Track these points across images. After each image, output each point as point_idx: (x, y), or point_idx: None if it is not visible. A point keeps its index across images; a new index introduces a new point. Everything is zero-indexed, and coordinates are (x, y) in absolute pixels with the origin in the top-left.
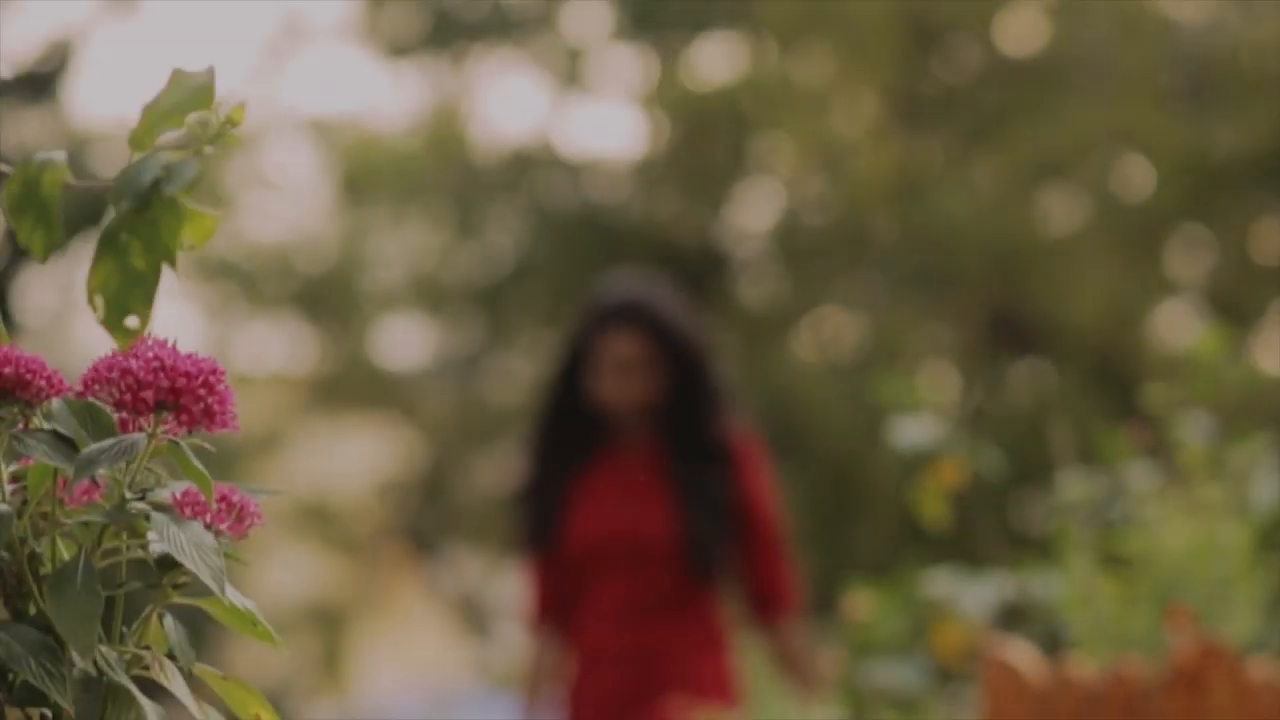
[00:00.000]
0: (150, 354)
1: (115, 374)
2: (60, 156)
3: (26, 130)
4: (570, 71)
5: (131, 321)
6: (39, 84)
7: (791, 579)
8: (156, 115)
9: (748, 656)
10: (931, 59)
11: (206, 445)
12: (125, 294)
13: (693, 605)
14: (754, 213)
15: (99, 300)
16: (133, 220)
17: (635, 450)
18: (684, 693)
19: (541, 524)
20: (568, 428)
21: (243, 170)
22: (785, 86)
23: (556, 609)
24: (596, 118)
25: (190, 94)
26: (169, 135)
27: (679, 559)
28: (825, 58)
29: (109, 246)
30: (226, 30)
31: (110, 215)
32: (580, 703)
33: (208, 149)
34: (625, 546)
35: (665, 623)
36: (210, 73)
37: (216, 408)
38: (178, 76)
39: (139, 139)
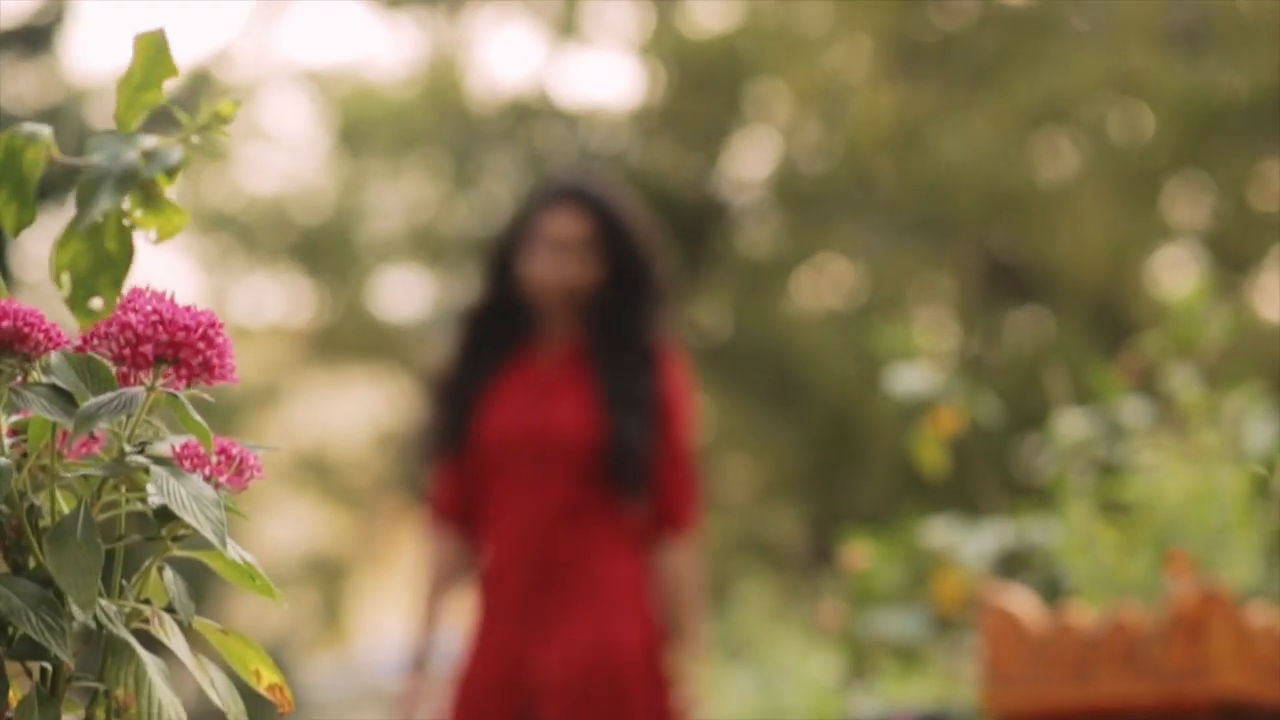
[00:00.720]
0: (149, 307)
1: (114, 328)
2: (45, 130)
3: (23, 84)
4: (567, 20)
5: (96, 303)
6: (35, 37)
7: (695, 499)
8: (132, 88)
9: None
10: (929, 4)
11: (206, 397)
12: (94, 275)
13: (606, 513)
14: (751, 161)
15: (65, 278)
16: (102, 195)
17: (559, 347)
18: (593, 604)
19: (450, 422)
20: (494, 319)
21: (239, 122)
22: (782, 33)
23: (459, 512)
24: (593, 67)
25: (157, 60)
26: (155, 113)
27: (595, 463)
28: (822, 4)
29: (76, 224)
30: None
31: (91, 207)
32: (487, 620)
33: (194, 139)
34: (536, 448)
35: (576, 530)
36: (163, 33)
37: (215, 361)
38: (142, 42)
39: (122, 118)
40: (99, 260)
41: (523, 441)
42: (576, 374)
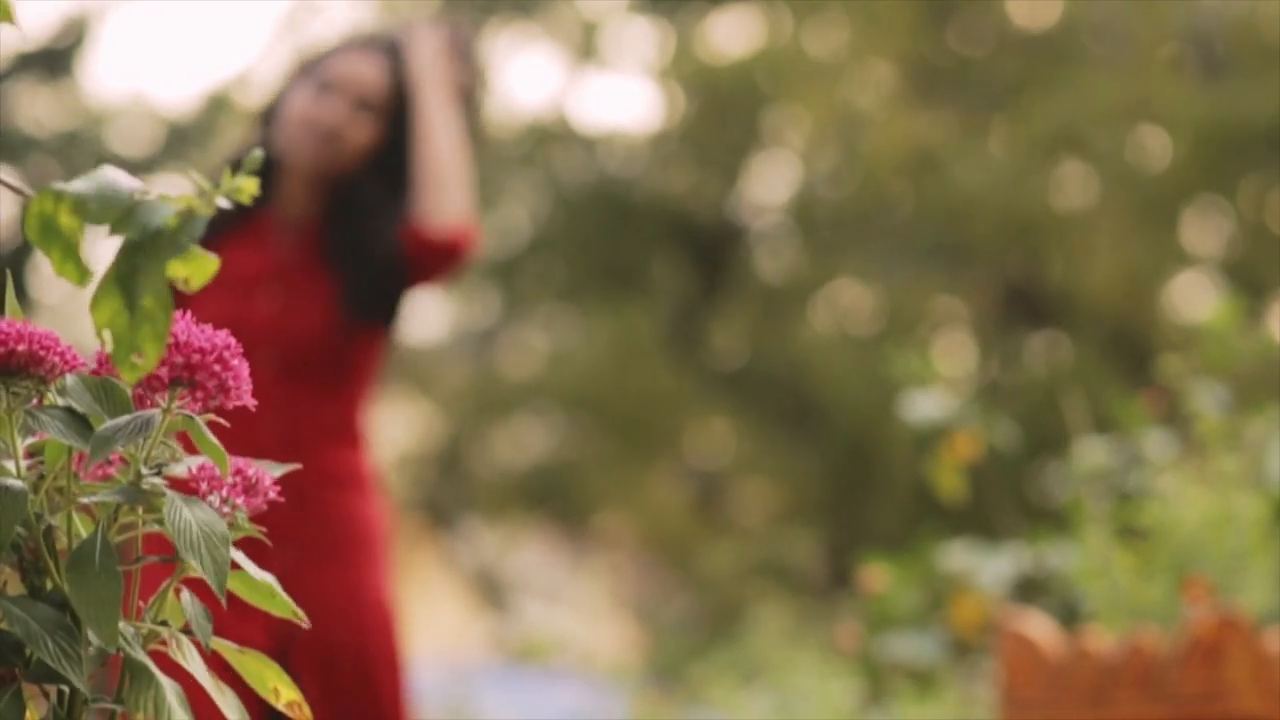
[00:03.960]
0: None
1: None
2: (72, 189)
3: (42, 107)
4: (586, 45)
5: (138, 359)
6: (55, 61)
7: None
8: None
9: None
10: (946, 30)
11: (222, 421)
12: (134, 332)
13: (341, 419)
14: (769, 186)
15: (106, 336)
16: (140, 264)
17: (301, 228)
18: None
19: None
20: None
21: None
22: (800, 59)
23: None
24: (612, 91)
25: None
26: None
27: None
28: (840, 30)
29: (116, 284)
30: (242, 5)
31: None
32: None
33: (220, 200)
34: (269, 343)
35: (316, 446)
36: None
37: (231, 383)
38: None
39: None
40: (138, 316)
41: (258, 333)
42: (318, 261)
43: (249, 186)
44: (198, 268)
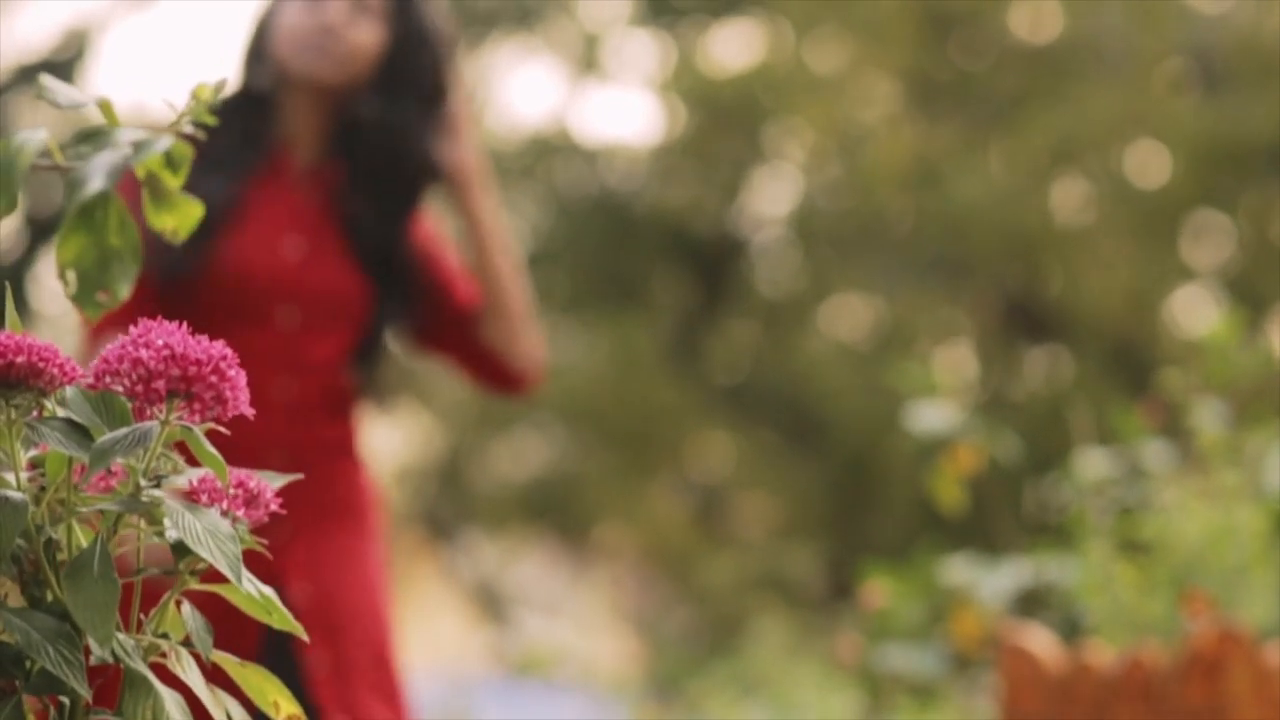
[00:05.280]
0: (160, 342)
1: (125, 365)
2: (41, 134)
3: (42, 119)
4: (587, 58)
5: (103, 296)
6: (55, 73)
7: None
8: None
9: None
10: (947, 45)
11: (222, 430)
12: (100, 270)
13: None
14: (770, 199)
15: (70, 275)
16: (104, 198)
17: (318, 170)
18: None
19: (188, 244)
20: (246, 109)
21: None
22: (801, 73)
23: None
24: (613, 104)
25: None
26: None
27: (357, 326)
28: (841, 44)
29: (81, 222)
30: (241, 18)
31: (81, 191)
32: None
33: (184, 126)
34: (292, 295)
35: (325, 412)
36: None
37: (229, 394)
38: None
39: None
40: (104, 254)
41: (282, 284)
42: (334, 202)
43: (207, 106)
44: (183, 215)
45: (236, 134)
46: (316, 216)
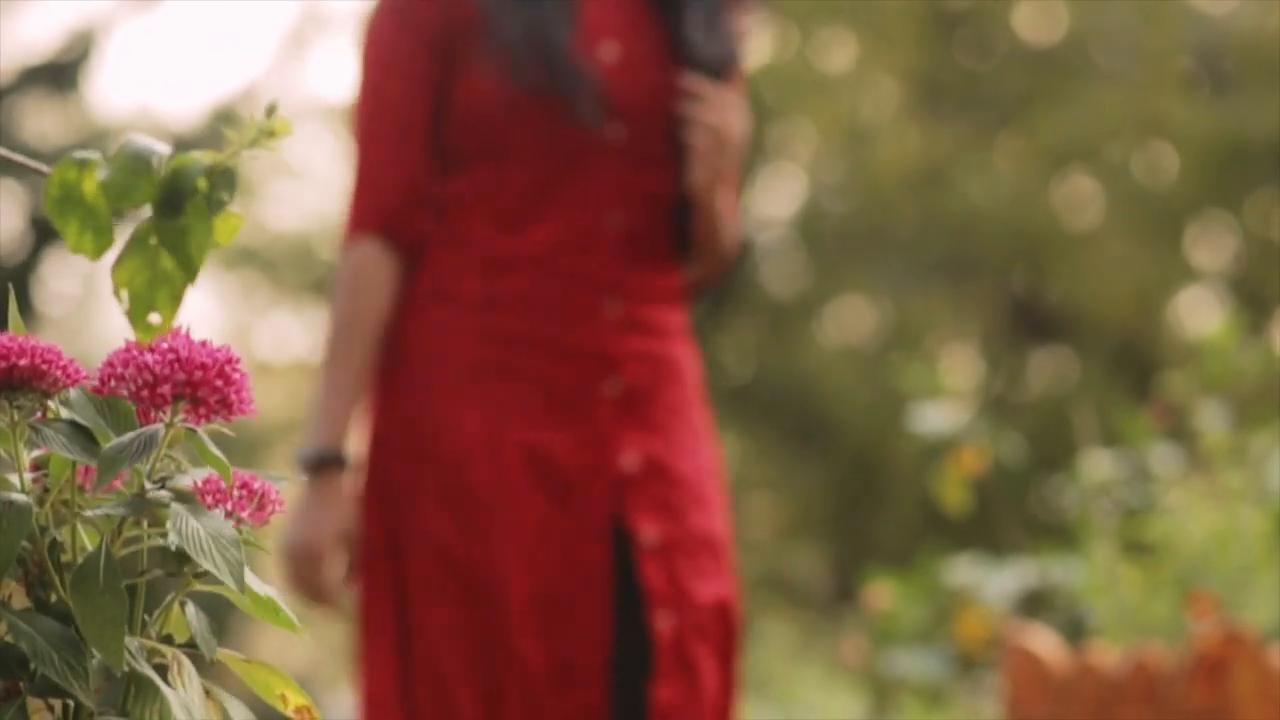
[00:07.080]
0: (165, 346)
1: (131, 370)
2: (94, 155)
3: (48, 121)
4: None
5: (154, 318)
6: (61, 75)
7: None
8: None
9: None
10: (953, 45)
11: (226, 431)
12: (152, 292)
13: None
14: (776, 199)
15: (124, 295)
16: (163, 224)
17: None
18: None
19: (545, 51)
20: None
21: (265, 159)
22: (808, 73)
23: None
24: None
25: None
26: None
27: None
28: (847, 44)
29: (138, 245)
30: (248, 19)
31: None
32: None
33: (248, 153)
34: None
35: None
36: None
37: (233, 397)
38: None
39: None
40: (156, 277)
41: (652, 109)
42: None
43: (283, 128)
44: (225, 225)
45: None
46: (633, 14)
